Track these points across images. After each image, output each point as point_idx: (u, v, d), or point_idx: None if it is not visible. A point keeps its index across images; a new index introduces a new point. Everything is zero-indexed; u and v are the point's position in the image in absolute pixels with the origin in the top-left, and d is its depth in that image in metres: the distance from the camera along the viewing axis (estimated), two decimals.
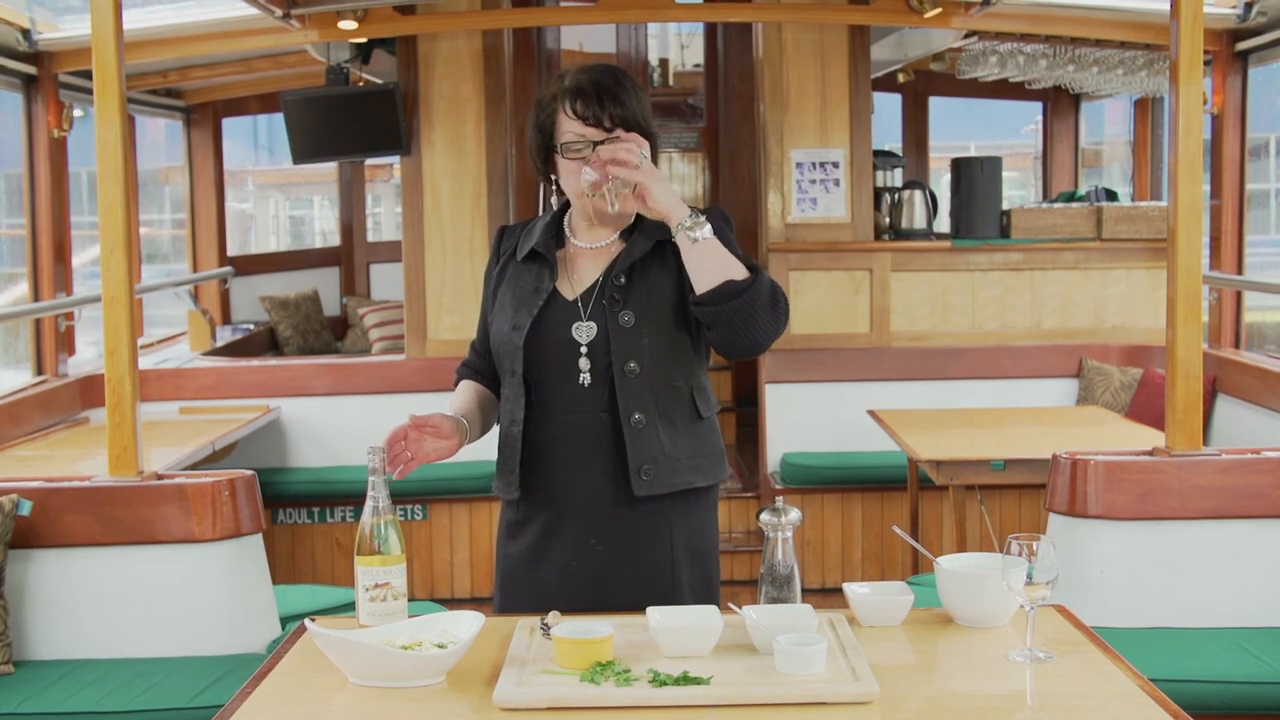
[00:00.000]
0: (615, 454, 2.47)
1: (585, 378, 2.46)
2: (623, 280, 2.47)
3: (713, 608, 2.23)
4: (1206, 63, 5.69)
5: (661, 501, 2.49)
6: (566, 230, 2.58)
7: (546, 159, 2.53)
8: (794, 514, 2.36)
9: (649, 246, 2.49)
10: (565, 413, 2.49)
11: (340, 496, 6.06)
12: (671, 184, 2.53)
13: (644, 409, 2.45)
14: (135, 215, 5.80)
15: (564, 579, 2.51)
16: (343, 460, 6.13)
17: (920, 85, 8.70)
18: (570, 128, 2.45)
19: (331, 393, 6.23)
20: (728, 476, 2.64)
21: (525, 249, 2.57)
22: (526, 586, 2.55)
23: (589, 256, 2.55)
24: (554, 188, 2.57)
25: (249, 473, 3.67)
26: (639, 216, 2.53)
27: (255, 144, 12.16)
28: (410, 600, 2.33)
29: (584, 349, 2.46)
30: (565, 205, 2.60)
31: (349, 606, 3.89)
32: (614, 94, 2.44)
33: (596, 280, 2.50)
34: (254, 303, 8.25)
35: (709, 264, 2.34)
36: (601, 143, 2.42)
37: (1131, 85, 6.93)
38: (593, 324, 2.47)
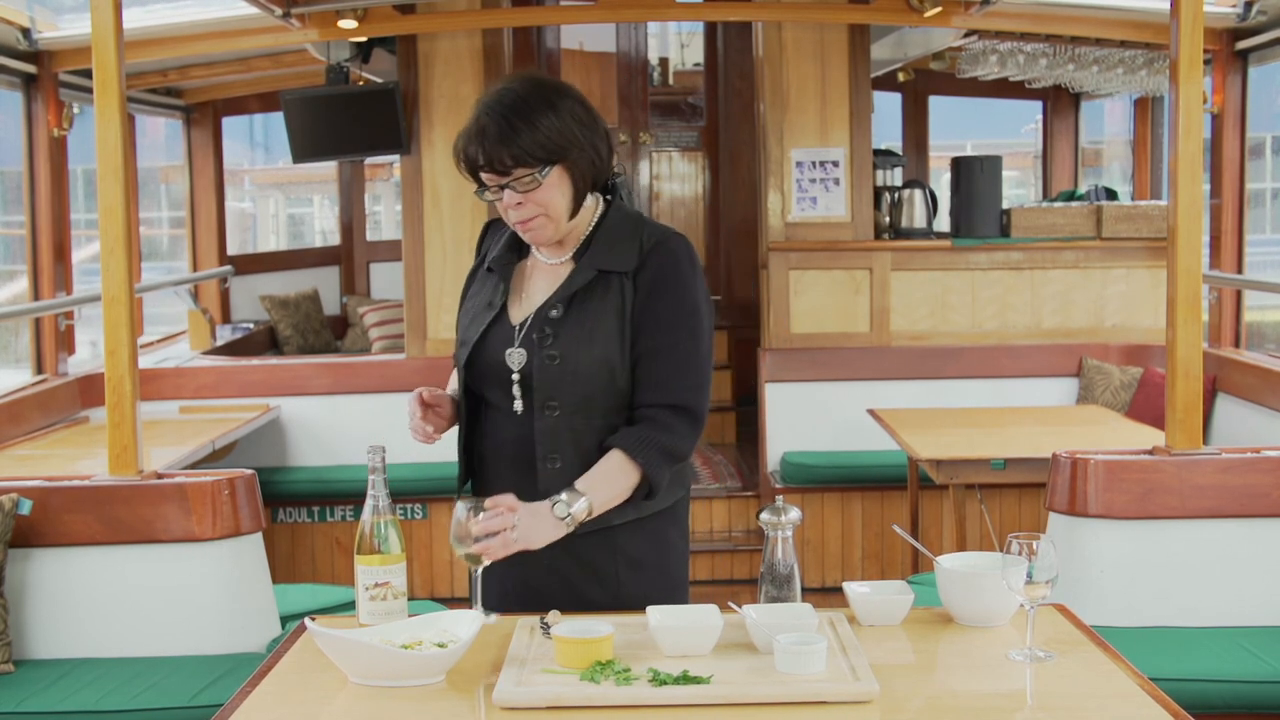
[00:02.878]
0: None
1: (519, 404, 2.42)
2: (558, 312, 2.41)
3: (713, 607, 2.23)
4: (1206, 62, 5.69)
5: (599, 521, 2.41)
6: None
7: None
8: (794, 513, 2.36)
9: (591, 276, 2.41)
10: (504, 434, 2.46)
11: (340, 496, 6.06)
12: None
13: (559, 450, 2.40)
14: (135, 215, 5.80)
15: (518, 588, 2.47)
16: (343, 460, 6.13)
17: (920, 84, 8.70)
18: (481, 174, 2.38)
19: (331, 392, 6.23)
20: (672, 502, 2.52)
21: (492, 256, 2.54)
22: (487, 592, 2.49)
23: (544, 274, 2.48)
24: None
25: (249, 472, 3.67)
26: (590, 239, 2.45)
27: (252, 143, 12.16)
28: (410, 599, 2.33)
29: (515, 375, 2.42)
30: None
31: (349, 606, 3.89)
32: (499, 139, 2.30)
33: (540, 305, 2.44)
34: (254, 302, 8.24)
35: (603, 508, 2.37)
36: (506, 185, 2.34)
37: (1131, 84, 6.92)
38: (524, 351, 2.42)
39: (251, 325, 7.97)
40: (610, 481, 2.36)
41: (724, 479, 6.72)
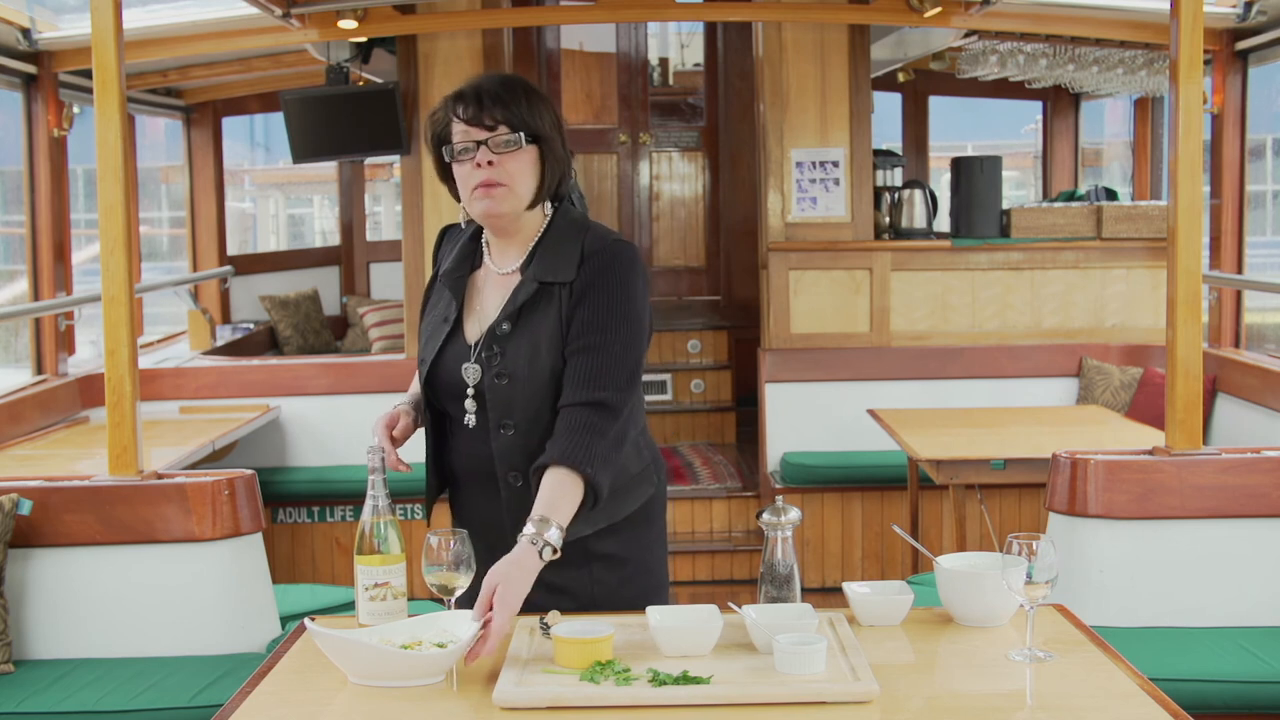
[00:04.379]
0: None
1: (472, 419, 2.43)
2: (506, 328, 2.41)
3: (713, 607, 2.23)
4: (1206, 62, 5.69)
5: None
6: (484, 248, 2.51)
7: (448, 174, 2.45)
8: (794, 513, 2.36)
9: (534, 289, 2.40)
10: (468, 450, 2.48)
11: (340, 496, 6.06)
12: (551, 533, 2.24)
13: (519, 468, 2.41)
14: (135, 215, 5.80)
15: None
16: (343, 460, 6.13)
17: (920, 84, 8.70)
18: (457, 130, 2.39)
19: (331, 392, 6.23)
20: (641, 503, 2.51)
21: (444, 269, 2.53)
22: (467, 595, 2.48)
23: (496, 285, 2.47)
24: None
25: (249, 472, 3.67)
26: (536, 249, 2.44)
27: (252, 143, 12.17)
28: (410, 600, 2.33)
29: (470, 391, 2.43)
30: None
31: (349, 606, 3.89)
32: (496, 96, 2.36)
33: (491, 321, 2.43)
34: (254, 302, 8.25)
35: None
36: (485, 142, 2.35)
37: (1131, 85, 6.92)
38: (478, 368, 2.42)
39: (251, 325, 7.97)
40: (567, 500, 2.28)
41: (724, 479, 6.72)
